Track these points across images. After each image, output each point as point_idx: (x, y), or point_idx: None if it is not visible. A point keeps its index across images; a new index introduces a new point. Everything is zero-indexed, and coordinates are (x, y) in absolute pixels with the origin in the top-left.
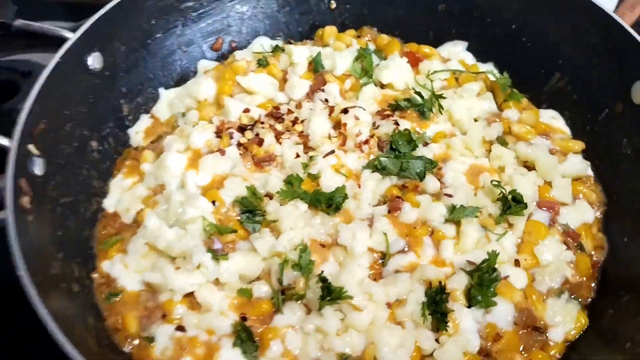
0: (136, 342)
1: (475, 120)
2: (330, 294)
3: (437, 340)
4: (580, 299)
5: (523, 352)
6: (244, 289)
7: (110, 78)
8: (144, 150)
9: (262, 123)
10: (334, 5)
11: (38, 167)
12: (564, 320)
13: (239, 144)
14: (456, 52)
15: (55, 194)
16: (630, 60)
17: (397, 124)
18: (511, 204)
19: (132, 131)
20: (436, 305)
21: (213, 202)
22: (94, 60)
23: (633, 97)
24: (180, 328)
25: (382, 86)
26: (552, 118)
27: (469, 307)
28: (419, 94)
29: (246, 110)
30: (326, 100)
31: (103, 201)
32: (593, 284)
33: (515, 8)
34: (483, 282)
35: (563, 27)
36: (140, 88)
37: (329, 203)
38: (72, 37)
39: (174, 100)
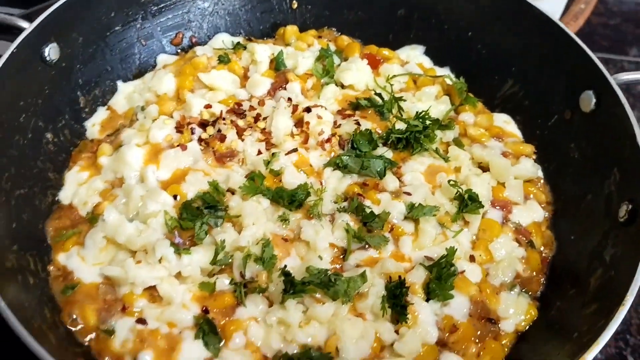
0: (93, 335)
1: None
2: (293, 287)
3: (396, 332)
4: (530, 292)
5: (477, 342)
6: (206, 282)
7: (66, 70)
8: (102, 144)
9: (224, 119)
10: (295, 5)
11: None
12: (515, 312)
13: (200, 140)
14: (414, 55)
15: (9, 186)
16: (578, 70)
17: (358, 123)
18: (467, 202)
19: (88, 123)
20: (396, 298)
21: (174, 197)
22: (51, 52)
23: (581, 105)
24: (141, 321)
25: (343, 87)
26: (504, 122)
27: (427, 300)
28: (379, 95)
29: (207, 106)
30: (289, 99)
31: (58, 194)
32: (542, 279)
33: (471, 17)
34: (441, 276)
35: (515, 36)
36: (98, 80)
37: (291, 199)
38: (28, 27)
39: (132, 94)
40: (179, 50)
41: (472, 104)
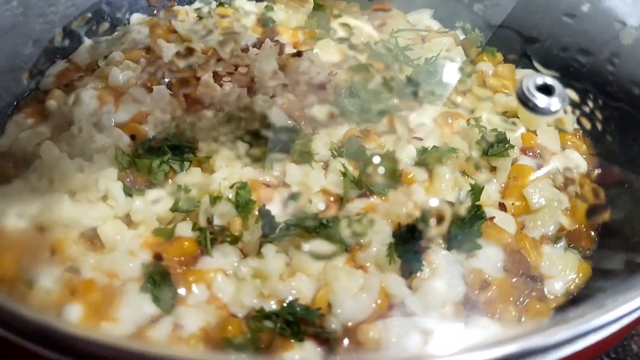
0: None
1: None
2: (273, 230)
3: (409, 288)
4: (580, 249)
5: (517, 304)
6: (162, 228)
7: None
8: (54, 90)
9: (200, 64)
10: None
11: None
12: (564, 270)
13: (170, 84)
14: (422, 19)
15: None
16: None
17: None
18: (494, 143)
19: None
20: (407, 244)
21: (132, 137)
22: None
23: (621, 39)
24: (73, 269)
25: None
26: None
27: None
28: (381, 44)
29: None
30: (276, 41)
31: None
32: (593, 234)
33: None
34: (465, 218)
35: None
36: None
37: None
38: None
39: (97, 46)
40: (155, 12)
41: (491, 54)
